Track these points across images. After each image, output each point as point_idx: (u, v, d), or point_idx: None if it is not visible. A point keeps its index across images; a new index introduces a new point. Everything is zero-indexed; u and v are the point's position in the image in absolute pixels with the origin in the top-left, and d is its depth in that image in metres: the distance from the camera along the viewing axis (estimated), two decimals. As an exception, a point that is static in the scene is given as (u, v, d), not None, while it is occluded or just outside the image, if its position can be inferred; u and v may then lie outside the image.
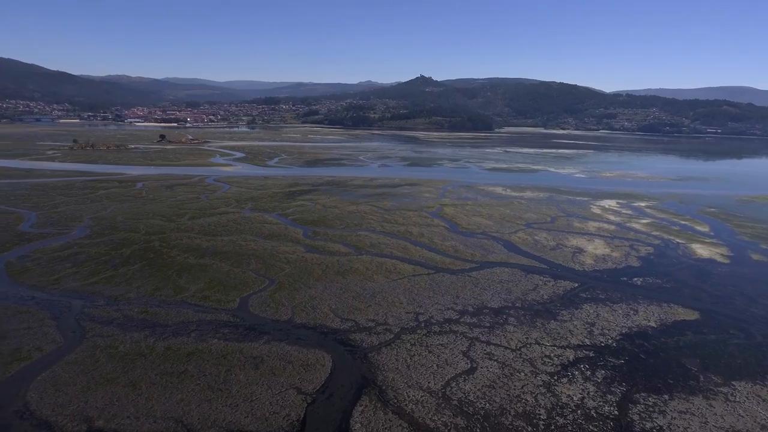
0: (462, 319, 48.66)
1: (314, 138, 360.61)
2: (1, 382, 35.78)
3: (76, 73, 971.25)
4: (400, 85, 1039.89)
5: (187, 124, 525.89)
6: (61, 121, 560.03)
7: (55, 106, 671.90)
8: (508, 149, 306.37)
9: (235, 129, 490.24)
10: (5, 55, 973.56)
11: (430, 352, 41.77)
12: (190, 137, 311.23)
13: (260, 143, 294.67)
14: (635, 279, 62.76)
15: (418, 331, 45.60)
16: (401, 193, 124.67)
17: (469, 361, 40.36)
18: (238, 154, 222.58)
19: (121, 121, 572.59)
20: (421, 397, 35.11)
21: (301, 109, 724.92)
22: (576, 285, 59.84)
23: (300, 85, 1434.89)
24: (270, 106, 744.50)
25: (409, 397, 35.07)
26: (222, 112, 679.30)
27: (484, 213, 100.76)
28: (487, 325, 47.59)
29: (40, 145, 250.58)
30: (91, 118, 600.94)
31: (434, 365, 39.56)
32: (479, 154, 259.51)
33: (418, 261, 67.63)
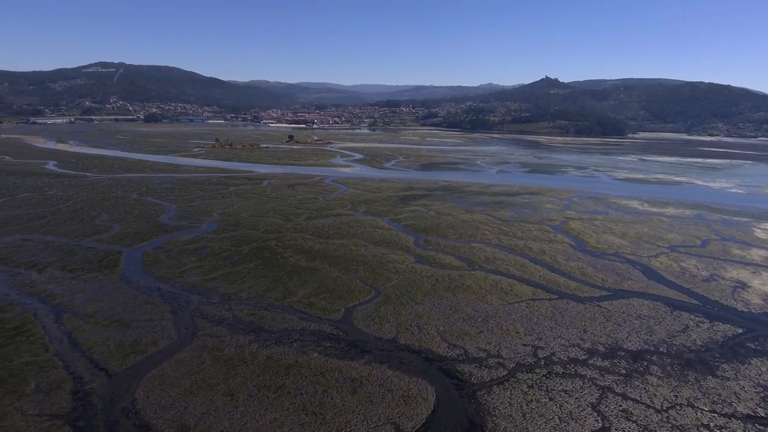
0: (591, 361, 41.38)
1: (432, 141, 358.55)
2: (119, 373, 37.43)
3: (225, 79, 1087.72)
4: (522, 87, 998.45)
5: (314, 126, 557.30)
6: (209, 121, 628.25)
7: (205, 108, 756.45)
8: (644, 157, 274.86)
9: (357, 130, 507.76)
10: (171, 64, 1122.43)
11: (550, 399, 35.61)
12: (316, 138, 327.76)
13: (379, 145, 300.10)
14: (827, 331, 49.28)
15: (537, 370, 39.48)
16: (520, 202, 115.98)
17: (600, 419, 33.49)
18: (358, 156, 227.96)
19: (257, 122, 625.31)
20: (539, 457, 29.45)
21: (420, 112, 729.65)
22: (740, 331, 48.54)
23: (421, 88, 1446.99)
24: (391, 109, 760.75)
25: (523, 454, 29.64)
26: (346, 114, 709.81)
27: (617, 230, 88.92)
28: (623, 372, 39.79)
29: (190, 143, 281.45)
30: (233, 119, 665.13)
31: (556, 418, 33.41)
32: (610, 162, 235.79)
33: (538, 282, 60.56)
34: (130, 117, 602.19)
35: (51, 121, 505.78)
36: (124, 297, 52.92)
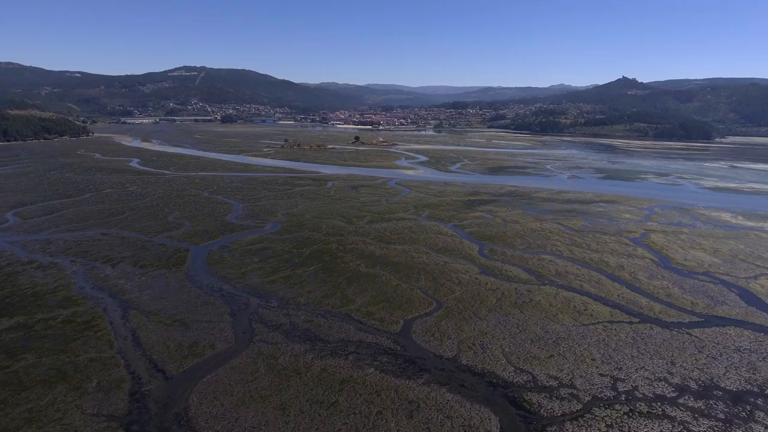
0: (681, 400, 36.23)
1: (499, 143, 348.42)
2: (175, 376, 37.39)
3: (296, 81, 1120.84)
4: (596, 88, 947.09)
5: (380, 127, 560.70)
6: (280, 122, 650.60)
7: (277, 109, 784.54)
8: (734, 164, 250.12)
9: (422, 132, 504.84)
10: (247, 67, 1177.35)
11: (633, 443, 31.25)
12: (381, 139, 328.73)
13: (444, 147, 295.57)
14: None
15: (617, 407, 35.03)
16: (595, 211, 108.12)
17: (695, 473, 28.82)
18: (422, 158, 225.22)
19: (325, 122, 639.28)
20: None
21: (487, 114, 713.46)
22: None
23: (488, 89, 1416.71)
24: (457, 110, 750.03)
25: None
26: (412, 116, 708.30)
27: (707, 246, 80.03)
28: (721, 416, 34.41)
29: (261, 143, 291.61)
30: (303, 119, 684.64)
31: (640, 467, 29.13)
32: (695, 169, 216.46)
33: (616, 303, 55.03)
34: (208, 118, 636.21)
35: (138, 121, 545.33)
36: (187, 296, 53.79)
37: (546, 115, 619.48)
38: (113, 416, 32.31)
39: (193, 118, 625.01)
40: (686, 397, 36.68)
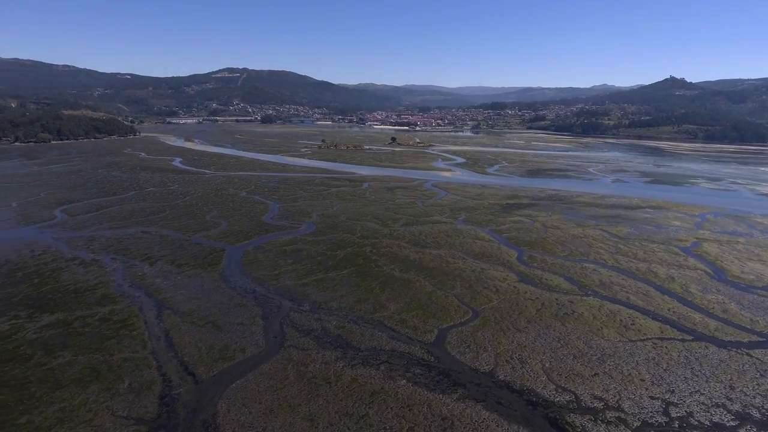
0: (742, 430, 33.04)
1: (538, 145, 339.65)
2: (205, 380, 37.06)
3: (335, 82, 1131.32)
4: (641, 88, 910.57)
5: (417, 128, 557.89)
6: (318, 122, 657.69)
7: (316, 109, 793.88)
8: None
9: (460, 133, 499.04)
10: (287, 69, 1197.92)
11: (689, 477, 28.55)
12: (417, 140, 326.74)
13: (482, 148, 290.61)
14: None
15: (670, 435, 32.29)
16: (641, 217, 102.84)
17: None
18: (459, 159, 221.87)
19: (362, 123, 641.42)
20: None
21: (526, 115, 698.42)
22: None
23: (527, 90, 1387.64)
24: (495, 111, 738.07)
25: None
26: (449, 117, 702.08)
27: (767, 258, 74.53)
28: (790, 450, 31.11)
29: (298, 143, 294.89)
30: (340, 120, 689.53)
31: (698, 505, 26.47)
32: (750, 174, 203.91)
33: (666, 317, 51.49)
34: (249, 118, 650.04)
35: (183, 121, 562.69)
36: (221, 297, 53.84)
37: (588, 116, 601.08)
38: (142, 420, 32.14)
39: (235, 118, 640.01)
40: (748, 426, 33.48)
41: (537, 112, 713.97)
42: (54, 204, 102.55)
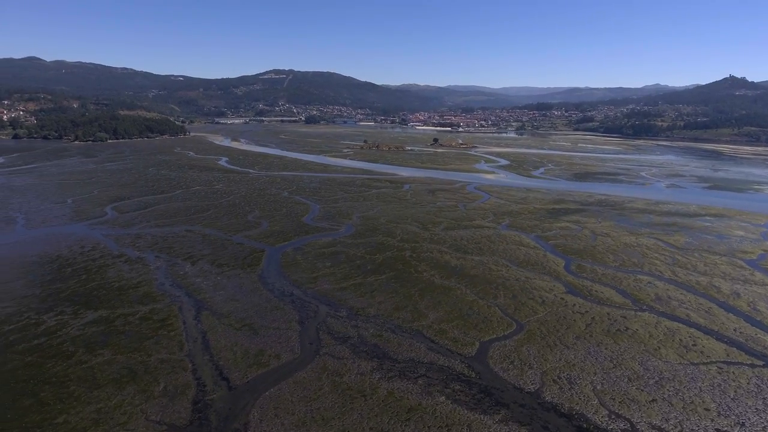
0: (828, 475, 29.15)
1: (586, 147, 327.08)
2: (239, 386, 36.40)
3: (378, 83, 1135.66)
4: (697, 88, 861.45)
5: (459, 129, 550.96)
6: (361, 123, 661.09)
7: (359, 110, 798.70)
8: None
9: (503, 134, 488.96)
10: (332, 70, 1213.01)
11: None
12: (460, 141, 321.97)
13: (526, 150, 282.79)
14: None
15: (741, 475, 28.82)
16: (700, 226, 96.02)
17: None
18: (503, 161, 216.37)
19: (404, 124, 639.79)
20: None
21: (573, 116, 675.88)
22: None
23: (574, 90, 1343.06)
24: (541, 112, 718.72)
25: None
26: (493, 118, 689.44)
27: None
28: None
29: (341, 143, 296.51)
30: (382, 121, 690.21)
31: None
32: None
33: (732, 339, 47.03)
34: (294, 118, 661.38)
35: (230, 122, 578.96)
36: (258, 299, 53.51)
37: (639, 117, 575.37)
38: (174, 425, 31.68)
39: (280, 118, 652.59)
40: (835, 471, 29.49)
41: (584, 113, 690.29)
42: (106, 201, 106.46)
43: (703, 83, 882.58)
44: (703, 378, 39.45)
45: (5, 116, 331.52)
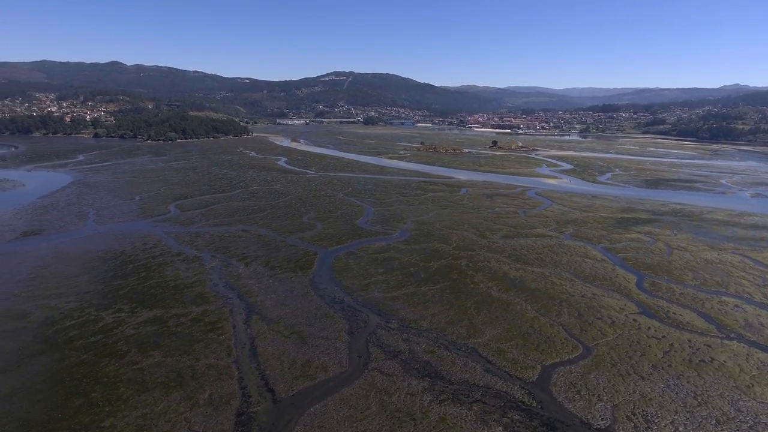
0: None
1: (656, 152, 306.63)
2: (284, 399, 35.13)
3: (437, 85, 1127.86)
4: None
5: (519, 131, 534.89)
6: (418, 124, 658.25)
7: (416, 112, 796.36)
8: None
9: (566, 137, 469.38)
10: (391, 72, 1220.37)
11: None
12: (520, 144, 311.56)
13: (591, 154, 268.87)
14: None
15: None
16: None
17: None
18: (566, 166, 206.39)
19: (462, 126, 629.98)
20: None
21: (642, 118, 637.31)
22: None
23: (644, 90, 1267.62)
24: (606, 114, 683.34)
25: None
26: (555, 120, 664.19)
27: None
28: None
29: (397, 145, 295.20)
30: (440, 122, 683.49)
31: None
32: None
33: (844, 378, 40.49)
34: (352, 120, 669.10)
35: (291, 122, 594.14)
36: (308, 305, 52.43)
37: (717, 119, 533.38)
38: (217, 438, 30.74)
39: (339, 119, 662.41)
40: None
41: (655, 115, 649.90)
42: (170, 199, 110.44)
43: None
44: (809, 425, 33.86)
45: (88, 116, 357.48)
